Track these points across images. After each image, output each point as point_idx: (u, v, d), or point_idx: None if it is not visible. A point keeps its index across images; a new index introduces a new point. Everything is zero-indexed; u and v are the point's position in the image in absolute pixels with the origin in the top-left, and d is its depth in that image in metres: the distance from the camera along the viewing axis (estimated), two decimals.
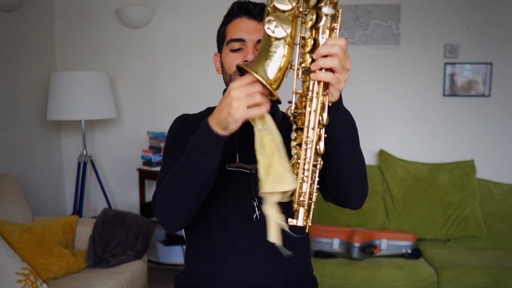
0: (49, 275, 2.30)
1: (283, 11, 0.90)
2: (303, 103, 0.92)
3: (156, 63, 3.59)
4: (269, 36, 0.91)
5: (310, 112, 0.90)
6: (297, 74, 0.93)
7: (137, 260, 2.60)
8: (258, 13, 1.21)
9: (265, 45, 0.93)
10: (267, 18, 0.91)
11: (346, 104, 1.05)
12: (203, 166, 1.01)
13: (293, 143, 0.94)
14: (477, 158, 3.29)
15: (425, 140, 3.41)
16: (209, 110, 1.36)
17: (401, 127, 3.43)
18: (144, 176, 3.41)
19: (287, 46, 0.92)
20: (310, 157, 0.91)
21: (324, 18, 0.88)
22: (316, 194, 0.94)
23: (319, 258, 2.78)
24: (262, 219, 1.20)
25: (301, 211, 0.92)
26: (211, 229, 1.24)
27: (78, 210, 3.26)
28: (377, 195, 3.20)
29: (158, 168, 3.30)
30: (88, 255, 2.48)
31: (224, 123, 0.94)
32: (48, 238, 2.42)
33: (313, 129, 0.90)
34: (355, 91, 3.34)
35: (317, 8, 0.89)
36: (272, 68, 0.92)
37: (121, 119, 3.67)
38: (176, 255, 3.31)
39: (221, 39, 1.29)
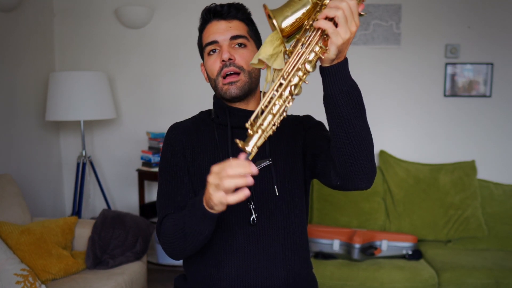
0: (48, 276, 2.29)
1: None
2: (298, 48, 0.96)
3: (155, 63, 3.58)
4: None
5: (299, 53, 0.94)
6: (306, 27, 0.96)
7: (137, 261, 2.60)
8: (227, 12, 1.24)
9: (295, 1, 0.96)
10: None
11: None
12: (200, 231, 1.08)
13: (272, 72, 0.98)
14: (478, 159, 3.28)
15: (426, 141, 3.40)
16: (202, 115, 1.37)
17: (401, 128, 3.42)
18: (143, 176, 3.39)
19: (309, 5, 0.95)
20: (284, 93, 0.94)
21: None
22: (274, 128, 0.96)
23: (319, 259, 2.77)
24: (259, 222, 1.22)
25: (255, 137, 0.94)
26: None
27: (77, 211, 3.25)
28: (377, 195, 3.19)
29: (157, 169, 3.28)
30: (87, 256, 2.48)
31: (211, 204, 0.98)
32: (47, 239, 2.41)
33: (294, 66, 0.94)
34: None
35: None
36: (290, 20, 0.95)
37: (120, 120, 3.66)
38: None
39: (200, 47, 1.32)
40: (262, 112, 0.95)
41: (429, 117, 3.38)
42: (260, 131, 0.94)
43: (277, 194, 1.23)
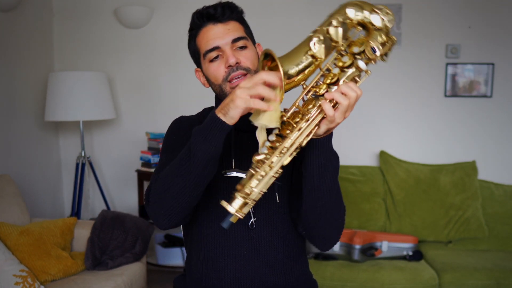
0: (47, 277, 2.29)
1: (331, 39, 0.96)
2: (296, 118, 0.97)
3: (155, 63, 3.57)
4: (308, 48, 0.96)
5: (300, 130, 0.96)
6: (306, 93, 0.98)
7: (136, 262, 2.59)
8: (221, 15, 1.19)
9: (299, 50, 0.98)
10: (317, 32, 0.96)
11: None
12: (201, 152, 1.00)
13: (268, 144, 0.98)
14: (479, 159, 3.27)
15: (426, 141, 3.39)
16: (206, 111, 1.35)
17: (402, 128, 3.41)
18: (143, 177, 3.39)
19: (313, 66, 0.97)
20: (276, 166, 0.95)
21: (354, 69, 0.96)
22: (261, 195, 0.96)
23: (319, 260, 2.76)
24: (259, 228, 1.21)
25: (238, 201, 0.94)
26: (208, 236, 1.23)
27: (76, 212, 3.25)
28: (378, 196, 3.18)
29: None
30: (87, 257, 2.47)
31: (226, 108, 0.96)
32: (46, 240, 2.41)
33: (293, 144, 0.96)
34: None
35: (354, 57, 0.96)
36: (293, 72, 0.97)
37: (119, 120, 3.65)
38: (175, 257, 3.28)
39: (196, 54, 1.27)
40: (252, 176, 0.96)
41: (429, 117, 3.37)
42: (248, 200, 0.95)
43: (278, 201, 1.23)
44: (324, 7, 3.44)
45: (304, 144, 0.96)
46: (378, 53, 0.96)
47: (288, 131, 0.97)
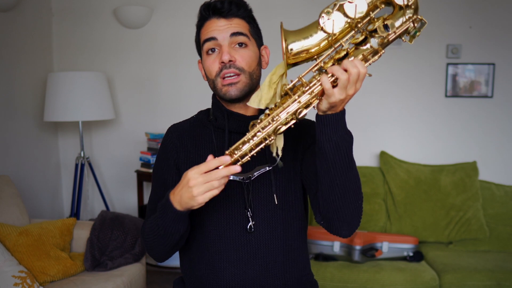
0: (46, 278, 2.28)
1: (345, 14, 0.95)
2: (298, 91, 0.98)
3: (154, 63, 3.56)
4: (318, 23, 0.96)
5: (295, 100, 0.97)
6: (314, 67, 0.99)
7: (136, 263, 2.58)
8: (227, 10, 1.18)
9: (310, 27, 0.98)
10: (327, 9, 0.96)
11: (347, 104, 1.02)
12: (174, 231, 1.12)
13: (267, 111, 1.01)
14: (480, 160, 3.27)
15: (427, 142, 3.39)
16: (200, 114, 1.33)
17: (402, 128, 3.40)
18: (142, 178, 3.38)
19: (326, 42, 0.97)
20: (266, 129, 0.99)
21: (367, 46, 0.95)
22: (249, 157, 1.02)
23: (320, 261, 2.76)
24: (257, 231, 1.20)
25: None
26: (206, 241, 1.22)
27: (75, 213, 3.24)
28: (378, 197, 3.18)
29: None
30: (86, 258, 2.46)
31: (188, 206, 1.03)
32: (45, 240, 2.40)
33: (287, 113, 0.98)
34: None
35: (369, 34, 0.95)
36: (301, 47, 0.97)
37: (119, 120, 3.64)
38: (174, 258, 3.27)
39: (198, 45, 1.27)
40: (244, 143, 1.01)
41: (430, 117, 3.37)
42: (234, 158, 1.01)
43: (276, 203, 1.21)
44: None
45: (301, 115, 0.98)
46: (391, 30, 0.95)
47: (283, 102, 0.99)
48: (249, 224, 1.19)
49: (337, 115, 1.00)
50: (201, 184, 0.99)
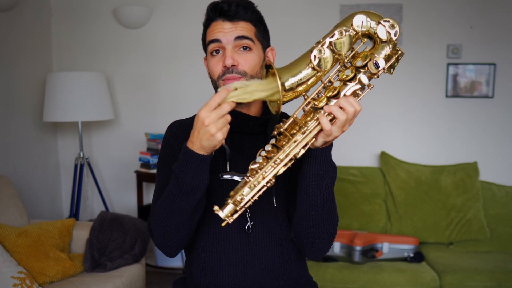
0: (46, 279, 2.28)
1: (334, 51, 0.97)
2: (293, 130, 0.99)
3: (154, 63, 3.56)
4: (310, 59, 0.97)
5: (296, 142, 0.98)
6: (305, 104, 1.00)
7: (135, 263, 2.58)
8: (234, 13, 1.16)
9: (301, 61, 0.99)
10: (318, 47, 0.97)
11: None
12: (196, 188, 1.06)
13: (263, 153, 1.01)
14: (480, 160, 3.26)
15: (428, 142, 3.38)
16: None
17: (403, 129, 3.40)
18: (142, 178, 3.37)
19: (314, 78, 0.99)
20: (268, 176, 0.98)
21: (355, 82, 0.97)
22: (251, 203, 0.99)
23: (320, 261, 2.75)
24: (256, 232, 1.20)
25: (230, 207, 0.97)
26: (205, 241, 1.22)
27: (75, 213, 3.24)
28: (378, 197, 3.17)
29: (156, 171, 3.26)
30: (85, 259, 2.46)
31: (210, 146, 1.01)
32: (44, 241, 2.40)
33: (287, 156, 0.98)
34: None
35: (357, 70, 0.98)
36: (293, 84, 0.98)
37: (118, 121, 3.63)
38: (174, 259, 3.27)
39: (204, 44, 1.26)
40: (245, 184, 0.99)
41: (430, 118, 3.36)
42: (238, 207, 0.98)
43: (275, 205, 1.21)
44: (326, 8, 3.42)
45: (299, 156, 0.98)
46: (381, 68, 0.97)
47: (284, 143, 0.99)
48: (247, 224, 1.19)
49: (326, 149, 1.05)
50: (215, 120, 0.97)
